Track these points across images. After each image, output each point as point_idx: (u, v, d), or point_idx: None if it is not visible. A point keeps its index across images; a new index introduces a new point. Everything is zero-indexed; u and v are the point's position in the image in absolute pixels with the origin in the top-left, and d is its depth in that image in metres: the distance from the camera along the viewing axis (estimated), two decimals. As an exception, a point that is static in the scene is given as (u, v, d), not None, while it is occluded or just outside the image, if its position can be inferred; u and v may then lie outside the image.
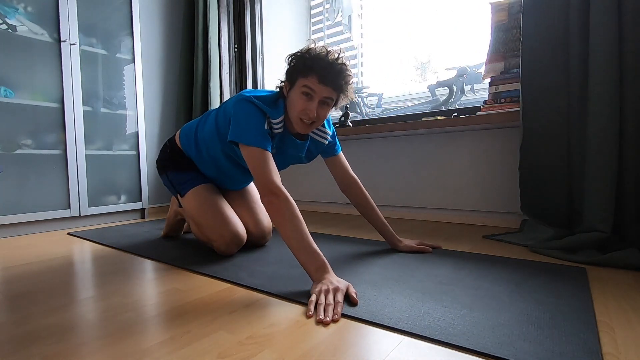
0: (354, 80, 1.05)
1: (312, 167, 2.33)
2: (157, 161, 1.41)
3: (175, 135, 1.38)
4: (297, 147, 1.16)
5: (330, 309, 0.73)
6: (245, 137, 0.99)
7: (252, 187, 1.47)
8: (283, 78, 1.06)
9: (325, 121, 1.19)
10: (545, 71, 1.31)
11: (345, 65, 0.99)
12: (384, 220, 1.24)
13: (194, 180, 1.28)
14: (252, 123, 1.01)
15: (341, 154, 1.27)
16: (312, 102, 0.99)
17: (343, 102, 1.06)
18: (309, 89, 0.98)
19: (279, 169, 1.20)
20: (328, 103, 1.01)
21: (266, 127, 1.03)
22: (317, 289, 0.79)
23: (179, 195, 1.30)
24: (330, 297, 0.76)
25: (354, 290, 0.82)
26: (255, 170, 0.96)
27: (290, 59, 1.03)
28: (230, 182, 1.34)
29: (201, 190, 1.25)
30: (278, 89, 1.09)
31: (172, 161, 1.33)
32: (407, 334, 0.65)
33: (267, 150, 0.99)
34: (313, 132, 1.18)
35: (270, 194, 0.92)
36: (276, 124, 1.05)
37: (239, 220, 1.24)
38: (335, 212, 2.24)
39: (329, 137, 1.21)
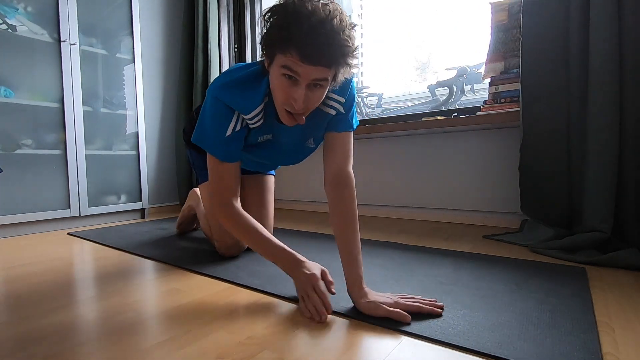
0: (357, 45, 0.71)
1: (313, 166, 2.33)
2: (183, 131, 1.28)
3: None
4: (292, 134, 0.94)
5: (319, 304, 0.73)
6: (204, 142, 0.90)
7: (270, 187, 1.35)
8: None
9: (340, 88, 0.83)
10: (545, 71, 1.31)
11: (340, 25, 0.66)
12: (359, 250, 0.81)
13: None
14: (214, 128, 0.86)
15: (348, 133, 0.90)
16: (297, 87, 0.71)
17: (345, 74, 0.75)
18: (290, 71, 0.69)
19: (287, 161, 1.06)
20: (322, 85, 0.73)
21: (238, 127, 0.86)
22: (301, 291, 0.79)
23: (197, 179, 1.26)
24: (313, 294, 0.76)
25: (330, 279, 0.81)
26: (211, 183, 0.91)
27: (267, 16, 0.70)
28: (265, 165, 1.16)
29: None
30: (259, 64, 0.83)
31: None
32: (407, 334, 0.65)
33: (227, 162, 0.89)
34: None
35: (221, 208, 0.89)
36: (252, 118, 0.85)
37: None
38: (335, 212, 2.23)
39: (341, 108, 0.88)
